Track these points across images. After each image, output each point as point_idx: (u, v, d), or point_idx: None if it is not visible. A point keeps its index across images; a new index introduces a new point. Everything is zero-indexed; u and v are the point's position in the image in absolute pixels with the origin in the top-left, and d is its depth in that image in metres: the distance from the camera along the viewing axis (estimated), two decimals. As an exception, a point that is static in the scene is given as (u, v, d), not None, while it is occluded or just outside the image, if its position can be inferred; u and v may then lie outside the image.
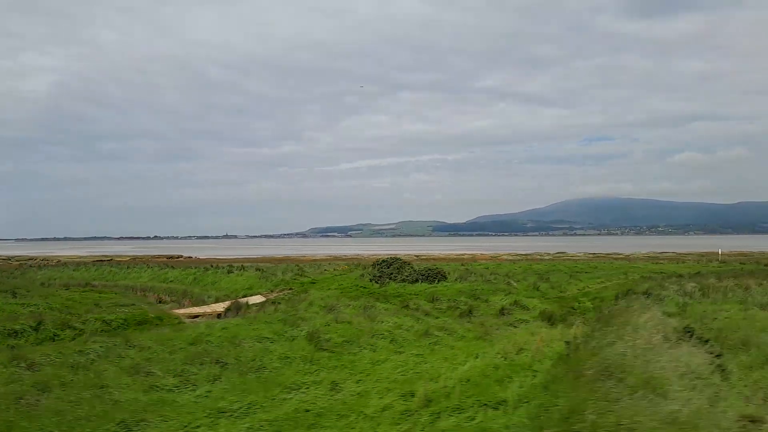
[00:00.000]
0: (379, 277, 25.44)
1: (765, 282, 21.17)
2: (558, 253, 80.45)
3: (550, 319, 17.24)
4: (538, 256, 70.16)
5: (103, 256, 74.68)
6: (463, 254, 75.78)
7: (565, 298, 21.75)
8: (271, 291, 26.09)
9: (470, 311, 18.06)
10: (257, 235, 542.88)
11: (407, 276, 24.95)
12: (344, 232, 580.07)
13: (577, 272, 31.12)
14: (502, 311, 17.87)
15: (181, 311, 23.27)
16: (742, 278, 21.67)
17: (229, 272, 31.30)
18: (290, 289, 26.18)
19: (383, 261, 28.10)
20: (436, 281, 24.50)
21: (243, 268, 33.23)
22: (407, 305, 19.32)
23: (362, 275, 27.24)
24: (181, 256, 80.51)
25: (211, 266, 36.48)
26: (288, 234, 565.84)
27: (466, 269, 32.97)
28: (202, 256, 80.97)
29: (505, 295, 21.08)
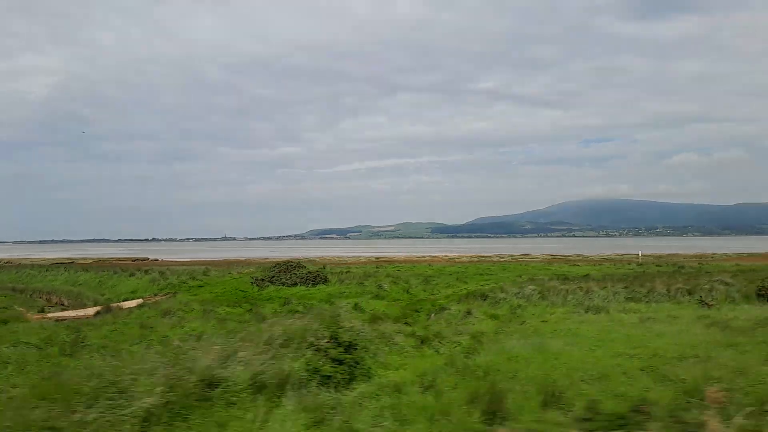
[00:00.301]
0: (262, 280, 25.55)
1: (611, 285, 21.22)
2: (522, 254, 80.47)
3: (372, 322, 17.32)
4: (498, 258, 70.22)
5: (66, 258, 74.97)
6: (424, 256, 75.79)
7: (423, 300, 21.79)
8: (155, 294, 26.23)
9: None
10: (256, 237, 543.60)
11: (287, 279, 25.04)
12: (343, 234, 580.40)
13: (479, 274, 31.16)
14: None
15: (54, 315, 23.47)
16: (588, 282, 21.71)
17: (131, 275, 31.50)
18: (176, 292, 26.30)
19: (277, 264, 28.19)
20: (312, 284, 24.59)
21: (147, 271, 33.40)
22: (251, 309, 19.43)
23: (251, 279, 27.32)
24: (147, 259, 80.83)
25: (120, 269, 36.64)
26: (287, 236, 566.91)
27: (377, 270, 33.04)
28: (168, 258, 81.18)
29: (360, 298, 21.19)
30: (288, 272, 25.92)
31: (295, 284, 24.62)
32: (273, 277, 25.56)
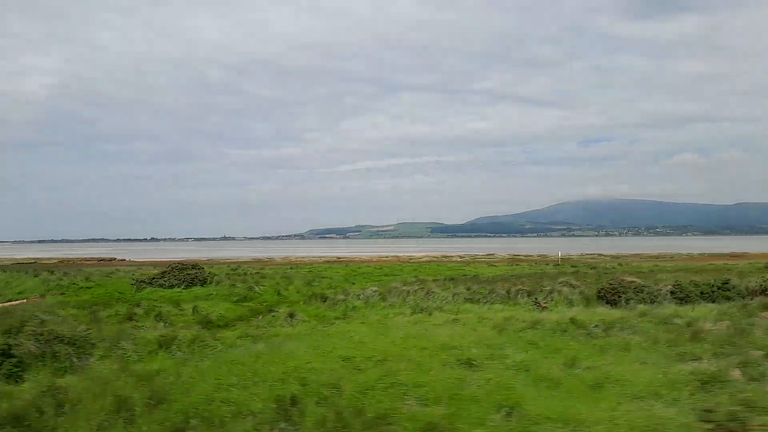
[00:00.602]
0: (141, 282, 25.63)
1: (454, 285, 21.16)
2: (487, 255, 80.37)
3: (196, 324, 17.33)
4: (459, 258, 70.16)
5: (31, 259, 75.39)
6: (386, 256, 75.71)
7: (284, 302, 21.79)
8: (41, 295, 26.36)
9: (131, 317, 18.21)
10: (255, 236, 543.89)
11: (165, 281, 25.11)
12: (343, 233, 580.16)
13: (384, 275, 31.16)
14: (157, 316, 17.98)
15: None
16: (430, 283, 21.68)
17: (35, 276, 31.70)
18: (62, 293, 26.42)
19: (172, 266, 28.24)
20: (186, 287, 24.65)
21: (52, 272, 33.61)
22: (94, 311, 19.48)
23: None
24: (114, 259, 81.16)
25: (33, 269, 36.89)
26: (286, 236, 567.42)
27: (288, 271, 33.07)
28: (136, 258, 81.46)
29: (214, 300, 21.27)
30: (171, 274, 25.96)
31: (173, 286, 24.67)
32: (153, 278, 25.63)
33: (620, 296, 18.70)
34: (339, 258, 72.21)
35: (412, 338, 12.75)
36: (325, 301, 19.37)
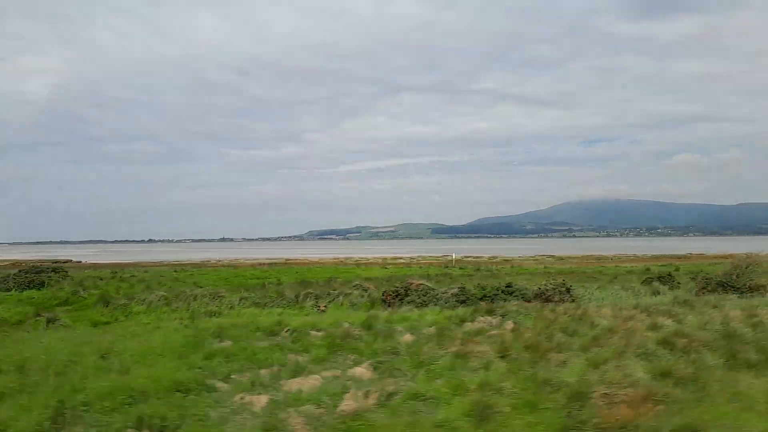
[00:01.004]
0: (-14, 284, 25.59)
1: (244, 291, 20.89)
2: (442, 255, 79.99)
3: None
4: (410, 258, 69.90)
5: (-15, 261, 75.82)
6: (336, 258, 75.59)
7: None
8: None
9: None
10: (254, 237, 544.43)
11: (4, 285, 25.06)
12: (343, 234, 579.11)
13: (261, 278, 30.95)
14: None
15: None
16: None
17: None
18: None
19: (23, 269, 28.22)
20: (21, 289, 24.58)
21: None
22: None
23: None
24: (70, 261, 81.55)
25: None
26: (286, 237, 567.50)
27: (173, 275, 32.92)
28: (100, 261, 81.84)
29: (9, 304, 21.18)
30: (16, 277, 25.95)
31: (10, 289, 24.61)
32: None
33: (402, 299, 18.36)
34: (287, 260, 72.13)
35: (86, 344, 12.55)
36: (107, 306, 19.17)
